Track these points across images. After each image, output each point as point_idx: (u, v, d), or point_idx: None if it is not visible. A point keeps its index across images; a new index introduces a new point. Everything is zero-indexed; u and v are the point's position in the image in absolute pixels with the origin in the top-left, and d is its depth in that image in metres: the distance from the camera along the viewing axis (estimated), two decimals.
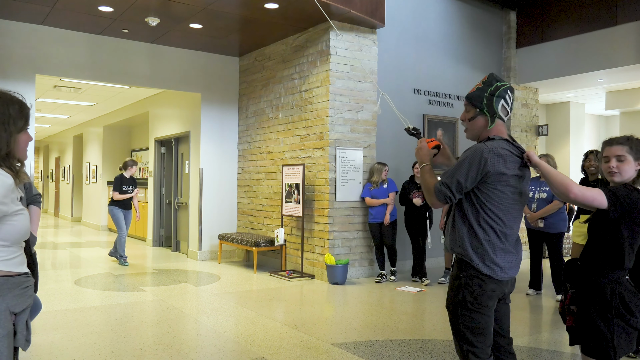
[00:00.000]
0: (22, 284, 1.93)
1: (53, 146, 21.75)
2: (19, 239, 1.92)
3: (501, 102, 2.47)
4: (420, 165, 2.62)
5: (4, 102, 1.91)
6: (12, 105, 1.93)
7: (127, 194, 8.74)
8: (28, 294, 1.95)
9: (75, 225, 16.14)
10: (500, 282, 2.42)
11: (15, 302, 1.87)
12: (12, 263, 1.89)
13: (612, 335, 2.46)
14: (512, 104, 2.52)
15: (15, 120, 1.92)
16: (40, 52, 7.60)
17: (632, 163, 2.54)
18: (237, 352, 4.22)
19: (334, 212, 7.20)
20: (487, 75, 2.55)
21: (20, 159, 1.97)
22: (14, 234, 1.88)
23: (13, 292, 1.87)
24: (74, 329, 4.80)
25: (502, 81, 2.50)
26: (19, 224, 1.90)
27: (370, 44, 7.53)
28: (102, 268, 8.20)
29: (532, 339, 4.70)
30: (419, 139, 2.68)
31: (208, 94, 9.07)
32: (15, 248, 1.92)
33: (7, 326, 1.84)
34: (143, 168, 13.99)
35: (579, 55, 8.73)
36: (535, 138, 10.11)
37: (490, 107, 2.48)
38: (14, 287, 1.88)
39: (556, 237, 6.18)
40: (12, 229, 1.87)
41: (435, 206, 2.52)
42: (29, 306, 1.96)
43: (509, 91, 2.48)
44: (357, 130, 7.42)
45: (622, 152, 2.54)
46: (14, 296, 1.87)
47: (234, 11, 6.94)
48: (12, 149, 1.92)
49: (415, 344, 4.46)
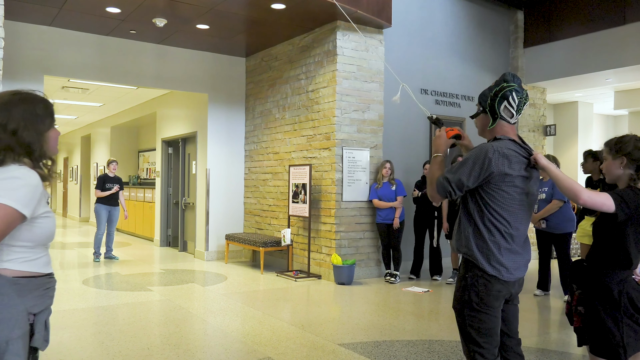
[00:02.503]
0: (45, 285, 1.93)
1: (61, 147, 21.87)
2: (45, 241, 1.92)
3: (504, 103, 2.44)
4: (434, 154, 2.58)
5: (29, 103, 1.92)
6: (38, 104, 1.94)
7: (109, 191, 9.07)
8: (49, 294, 1.95)
9: (83, 225, 16.23)
10: (506, 282, 2.41)
11: (35, 303, 1.87)
12: (36, 264, 1.89)
13: (622, 335, 2.45)
14: (521, 106, 2.46)
15: (43, 119, 1.93)
16: (49, 53, 7.65)
17: (611, 161, 2.62)
18: (243, 352, 4.23)
19: (340, 213, 7.19)
20: (502, 75, 2.53)
21: (51, 157, 1.98)
22: (39, 235, 1.88)
23: (34, 293, 1.87)
24: (81, 329, 4.83)
25: (511, 82, 2.46)
26: (45, 226, 1.89)
27: (376, 44, 7.52)
28: (110, 268, 8.24)
29: (541, 339, 4.68)
30: (439, 128, 2.66)
31: (215, 94, 9.10)
32: (40, 249, 1.92)
33: (24, 327, 1.84)
34: (150, 169, 14.06)
35: (587, 55, 8.68)
36: (542, 138, 10.07)
37: (492, 107, 2.46)
38: (37, 288, 1.88)
39: (562, 237, 6.12)
40: (37, 231, 1.87)
41: (435, 199, 2.50)
42: (48, 306, 1.95)
43: (514, 92, 2.43)
44: (363, 130, 7.41)
45: (604, 153, 2.68)
46: (34, 297, 1.87)
47: (240, 12, 6.96)
48: (45, 149, 1.93)
49: (422, 345, 4.45)
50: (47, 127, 1.95)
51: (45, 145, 1.93)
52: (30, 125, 1.88)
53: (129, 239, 12.36)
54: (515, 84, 2.46)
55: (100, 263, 8.73)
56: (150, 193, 11.99)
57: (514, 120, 2.48)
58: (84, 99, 12.12)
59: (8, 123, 1.85)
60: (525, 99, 2.48)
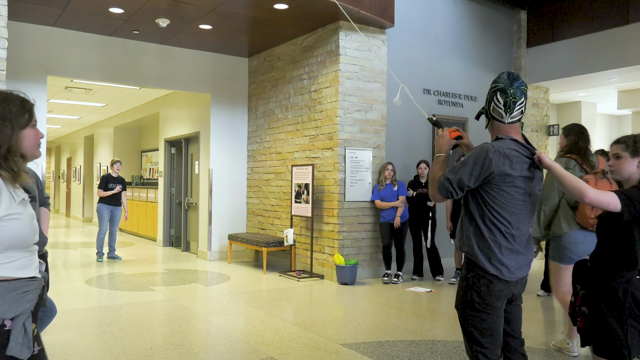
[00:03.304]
0: (20, 289, 1.81)
1: (64, 147, 21.94)
2: (14, 244, 1.80)
3: (492, 104, 2.44)
4: (436, 154, 2.58)
5: (3, 99, 1.86)
6: (12, 101, 1.88)
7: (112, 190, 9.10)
8: (26, 298, 1.83)
9: (86, 225, 16.26)
10: (508, 282, 2.40)
11: (6, 308, 1.76)
12: (5, 267, 1.78)
13: (626, 336, 2.44)
14: (512, 105, 2.39)
15: (17, 116, 1.86)
16: (52, 53, 7.67)
17: (629, 160, 2.58)
18: (246, 352, 4.23)
19: (343, 213, 7.19)
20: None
21: (24, 156, 1.88)
22: (5, 239, 1.77)
23: (4, 298, 1.77)
24: (84, 329, 4.84)
25: (498, 82, 2.42)
26: (10, 229, 1.78)
27: (379, 44, 7.52)
28: (113, 268, 8.25)
29: (544, 340, 4.67)
30: (441, 129, 2.66)
31: (218, 94, 9.10)
32: (13, 252, 1.81)
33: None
34: (153, 169, 14.08)
35: (590, 55, 8.66)
36: (546, 138, 10.05)
37: (488, 108, 2.47)
38: (7, 292, 1.78)
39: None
40: (1, 234, 1.75)
41: (436, 199, 2.49)
42: (26, 311, 1.84)
43: (498, 92, 2.40)
44: (366, 130, 7.41)
45: (618, 151, 2.62)
46: (4, 302, 1.76)
47: (243, 12, 6.96)
48: (15, 146, 1.84)
49: (425, 345, 4.44)
50: (22, 125, 1.88)
51: (17, 143, 1.84)
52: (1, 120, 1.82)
53: (132, 239, 12.38)
54: (502, 84, 2.40)
55: (103, 263, 8.75)
56: (153, 193, 12.01)
57: (507, 120, 2.42)
58: (87, 99, 12.15)
59: None
60: (515, 97, 2.38)
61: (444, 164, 2.53)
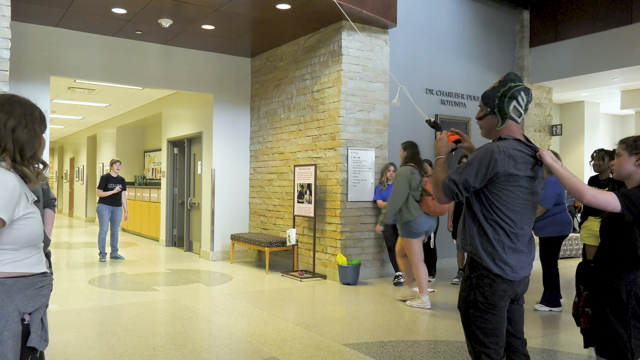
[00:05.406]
0: (37, 284, 1.92)
1: (67, 147, 21.99)
2: (30, 242, 1.90)
3: (513, 103, 2.44)
4: (436, 157, 2.59)
5: (29, 106, 1.96)
6: (35, 108, 1.99)
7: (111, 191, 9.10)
8: (42, 293, 1.94)
9: (90, 225, 16.29)
10: (511, 282, 2.40)
11: (26, 303, 1.87)
12: (23, 264, 1.88)
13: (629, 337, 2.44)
14: (527, 105, 2.48)
15: (39, 123, 1.97)
16: (55, 53, 7.69)
17: (626, 158, 2.62)
18: (249, 352, 4.23)
19: (345, 213, 7.19)
20: (505, 75, 2.53)
21: (44, 162, 2.01)
22: (21, 238, 1.86)
23: (24, 293, 1.86)
24: (87, 328, 4.85)
25: (517, 82, 2.46)
26: (27, 228, 1.88)
27: (382, 44, 7.52)
28: (115, 268, 8.26)
29: (546, 340, 4.66)
30: (439, 132, 2.67)
31: (220, 94, 9.11)
32: (28, 250, 1.90)
33: (14, 328, 1.83)
34: (156, 169, 14.09)
35: (593, 54, 8.64)
36: (549, 138, 10.02)
37: (502, 108, 2.46)
38: (26, 287, 1.87)
39: (544, 241, 5.80)
40: (17, 233, 1.85)
41: (441, 201, 2.50)
42: (43, 305, 1.94)
43: (522, 92, 2.44)
44: (368, 130, 7.41)
45: (619, 150, 2.68)
46: (25, 297, 1.86)
47: (246, 12, 6.97)
48: (38, 151, 1.96)
49: (428, 345, 4.44)
50: (42, 132, 1.99)
51: (40, 148, 1.96)
52: (29, 124, 1.92)
53: (134, 239, 12.40)
54: (522, 84, 2.47)
55: (106, 263, 8.76)
56: (156, 193, 12.02)
57: (520, 119, 2.49)
58: (90, 100, 12.17)
59: (8, 120, 1.88)
60: (531, 97, 2.50)
61: (445, 166, 2.54)
